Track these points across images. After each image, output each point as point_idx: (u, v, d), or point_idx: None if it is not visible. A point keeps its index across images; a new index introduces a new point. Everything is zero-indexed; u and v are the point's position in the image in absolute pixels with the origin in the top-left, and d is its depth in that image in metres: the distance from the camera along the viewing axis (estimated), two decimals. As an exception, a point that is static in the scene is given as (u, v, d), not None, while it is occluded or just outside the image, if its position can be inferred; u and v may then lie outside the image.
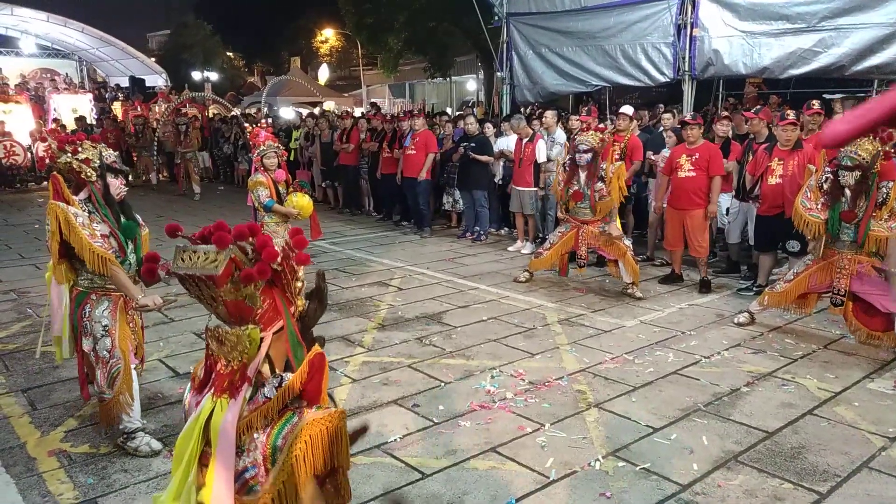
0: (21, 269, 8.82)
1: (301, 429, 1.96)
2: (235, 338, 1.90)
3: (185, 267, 1.86)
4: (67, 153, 4.04)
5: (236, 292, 1.88)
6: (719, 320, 6.71)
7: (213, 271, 1.83)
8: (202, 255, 1.85)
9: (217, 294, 1.88)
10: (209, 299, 1.90)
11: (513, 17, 14.13)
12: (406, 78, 34.15)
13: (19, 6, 27.25)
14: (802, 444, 4.21)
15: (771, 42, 10.46)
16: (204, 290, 1.88)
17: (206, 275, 1.84)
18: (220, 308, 1.91)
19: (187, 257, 1.87)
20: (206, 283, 1.86)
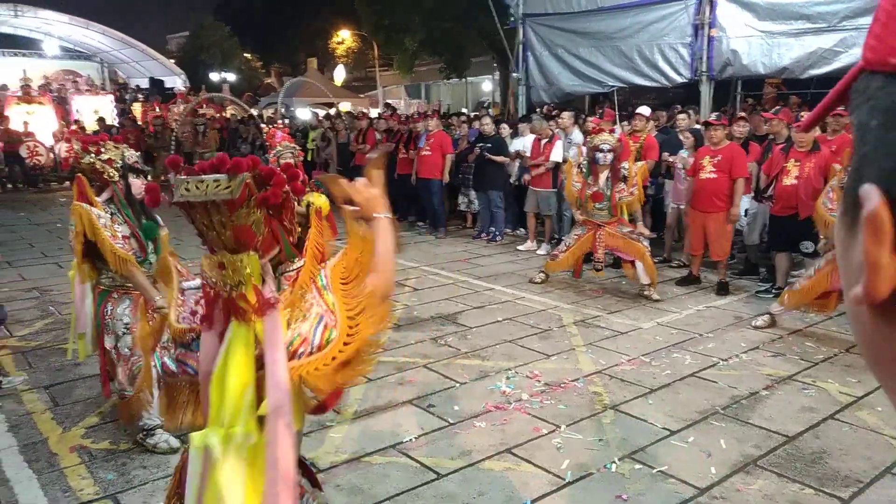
0: (44, 267, 8.91)
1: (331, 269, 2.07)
2: (239, 261, 1.96)
3: (197, 195, 1.91)
4: (91, 154, 4.10)
5: (247, 217, 1.95)
6: (737, 322, 6.67)
7: (228, 196, 1.90)
8: (213, 183, 1.90)
9: (228, 220, 1.93)
10: (218, 225, 1.94)
11: (529, 18, 14.09)
12: (422, 79, 34.20)
13: (43, 9, 27.57)
14: (823, 449, 4.17)
15: (791, 42, 10.36)
16: (214, 217, 1.93)
17: (222, 200, 1.90)
18: (226, 234, 1.95)
19: (194, 186, 1.92)
20: (219, 209, 1.91)
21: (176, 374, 2.14)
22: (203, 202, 1.91)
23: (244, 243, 1.97)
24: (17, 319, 6.64)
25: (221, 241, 1.97)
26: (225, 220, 1.93)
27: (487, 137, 10.71)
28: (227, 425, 1.95)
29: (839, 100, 0.60)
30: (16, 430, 4.41)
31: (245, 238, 1.97)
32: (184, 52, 44.09)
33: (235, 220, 1.94)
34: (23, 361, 5.64)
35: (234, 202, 1.90)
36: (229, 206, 1.91)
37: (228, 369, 1.96)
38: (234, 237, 1.96)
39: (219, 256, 1.98)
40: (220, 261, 1.97)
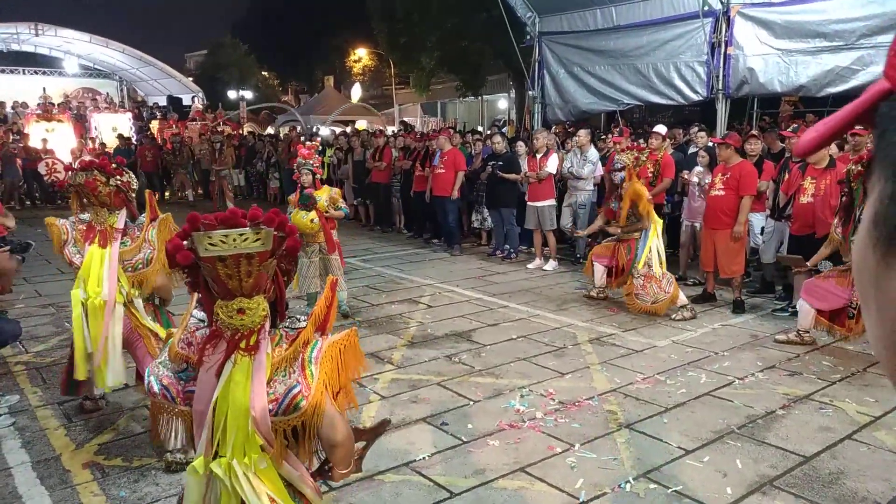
0: (60, 283, 8.97)
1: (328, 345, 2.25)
2: (255, 305, 2.13)
3: (227, 248, 2.04)
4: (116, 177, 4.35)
5: (270, 266, 2.13)
6: (753, 341, 6.61)
7: (260, 248, 2.06)
8: (239, 237, 2.04)
9: (255, 269, 2.09)
10: (243, 275, 2.08)
11: (545, 37, 14.14)
12: (438, 97, 34.32)
13: (63, 27, 27.99)
14: (841, 470, 4.11)
15: (808, 60, 10.32)
16: (243, 268, 2.07)
17: (255, 251, 2.06)
18: (247, 282, 2.10)
19: (219, 240, 2.03)
20: (250, 260, 2.07)
21: (157, 395, 2.27)
22: (236, 256, 2.05)
23: (260, 289, 2.14)
24: (32, 335, 6.69)
25: (241, 289, 2.11)
26: (252, 270, 2.09)
27: (499, 155, 10.73)
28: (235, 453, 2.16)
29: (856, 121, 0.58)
30: (29, 447, 4.42)
31: (261, 284, 2.14)
32: (202, 70, 44.58)
33: (263, 269, 2.11)
34: (37, 377, 5.67)
35: (266, 253, 2.08)
36: (260, 257, 2.08)
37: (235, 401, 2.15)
38: (254, 285, 2.12)
39: (237, 303, 2.13)
40: (240, 306, 2.13)
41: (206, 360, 2.20)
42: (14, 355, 6.14)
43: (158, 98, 30.56)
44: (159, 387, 2.26)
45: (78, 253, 4.37)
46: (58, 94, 26.69)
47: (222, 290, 2.12)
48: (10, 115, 22.67)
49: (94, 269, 4.30)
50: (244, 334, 2.15)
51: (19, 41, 28.07)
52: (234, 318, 2.13)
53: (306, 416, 2.16)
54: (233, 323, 2.14)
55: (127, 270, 4.37)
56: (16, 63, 28.75)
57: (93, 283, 4.28)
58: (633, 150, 7.53)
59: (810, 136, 0.65)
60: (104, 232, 4.34)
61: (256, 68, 45.33)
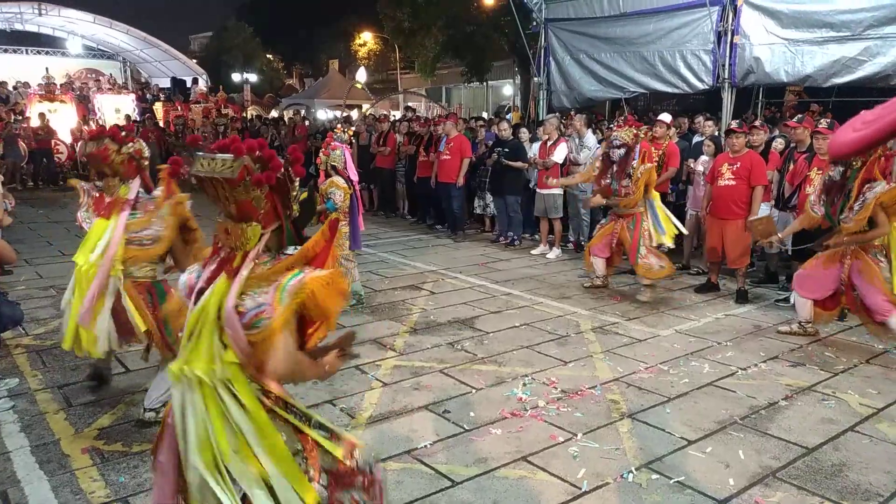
0: (62, 265, 8.94)
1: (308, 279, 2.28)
2: (240, 230, 2.29)
3: (205, 170, 2.25)
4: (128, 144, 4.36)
5: (246, 194, 2.25)
6: (756, 331, 6.59)
7: (229, 175, 2.21)
8: (220, 162, 2.23)
9: (230, 194, 2.25)
10: (223, 199, 2.28)
11: (551, 23, 14.06)
12: (443, 82, 34.23)
13: (67, 7, 27.83)
14: (843, 462, 4.09)
15: (814, 50, 10.26)
16: (220, 191, 2.25)
17: (223, 177, 2.22)
18: (230, 206, 2.28)
19: (206, 163, 2.25)
20: (223, 185, 2.24)
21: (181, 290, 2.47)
22: (210, 177, 2.24)
23: (247, 215, 2.28)
24: (33, 318, 6.66)
25: (228, 211, 2.30)
26: (228, 195, 2.26)
27: (505, 142, 10.67)
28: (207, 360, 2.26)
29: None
30: (28, 431, 4.41)
31: (247, 211, 2.28)
32: (206, 52, 44.42)
33: (237, 195, 2.25)
34: (37, 360, 5.65)
35: (233, 181, 2.22)
36: (230, 184, 2.23)
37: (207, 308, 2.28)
38: (237, 210, 2.28)
39: (224, 223, 2.32)
40: (225, 227, 2.32)
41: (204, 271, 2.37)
42: (14, 338, 6.12)
43: (162, 80, 30.40)
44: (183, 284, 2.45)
45: (88, 219, 4.38)
46: (60, 74, 26.52)
47: (219, 208, 2.34)
48: (12, 95, 22.59)
49: (92, 239, 4.28)
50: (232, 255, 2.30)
51: (22, 21, 27.91)
52: (221, 235, 2.34)
53: (262, 337, 2.23)
54: (221, 240, 2.33)
55: (132, 244, 4.26)
56: (19, 43, 28.61)
57: (87, 251, 4.26)
58: (632, 127, 7.49)
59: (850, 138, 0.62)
60: (112, 203, 4.29)
61: (261, 51, 45.16)
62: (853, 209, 5.74)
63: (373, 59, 42.59)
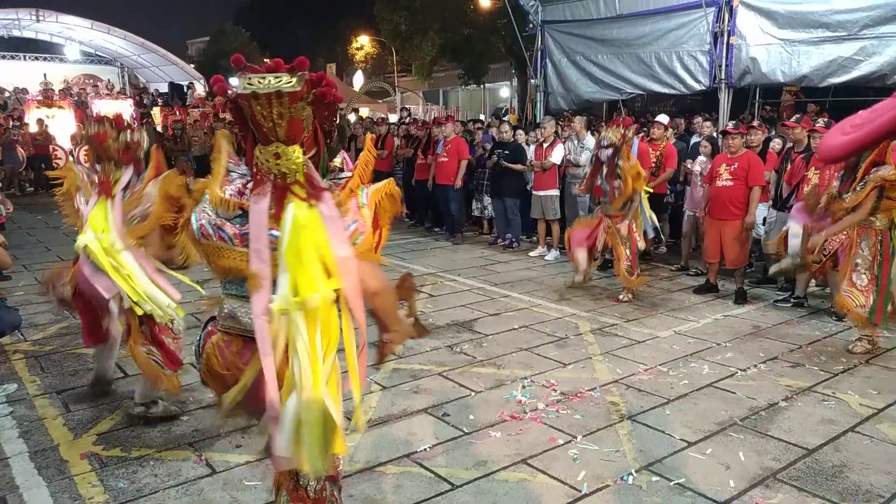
0: (59, 271, 8.94)
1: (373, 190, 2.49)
2: (291, 151, 2.29)
3: (263, 87, 2.21)
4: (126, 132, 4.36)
5: (302, 111, 2.28)
6: (756, 332, 6.58)
7: (293, 88, 2.21)
8: (276, 79, 2.22)
9: (287, 111, 2.24)
10: (276, 117, 2.24)
11: (548, 25, 14.08)
12: (440, 85, 34.23)
13: (65, 14, 27.85)
14: (844, 463, 4.09)
15: (810, 50, 10.29)
16: (275, 109, 2.23)
17: (288, 91, 2.21)
18: (282, 126, 2.26)
19: (257, 81, 2.22)
20: (282, 101, 2.22)
21: (211, 236, 2.43)
22: (267, 94, 2.21)
23: (294, 136, 2.29)
24: (31, 323, 6.65)
25: (276, 133, 2.27)
26: (284, 112, 2.24)
27: (505, 144, 10.67)
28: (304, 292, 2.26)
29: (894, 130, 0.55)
30: (27, 436, 4.39)
31: (296, 131, 2.29)
32: (204, 57, 44.40)
33: (294, 112, 2.25)
34: (36, 366, 5.64)
35: (296, 94, 2.23)
36: (291, 98, 2.22)
37: (302, 245, 2.26)
38: (287, 129, 2.27)
39: (273, 147, 2.29)
40: (276, 151, 2.29)
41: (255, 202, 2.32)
42: (12, 343, 6.10)
43: (160, 85, 30.42)
44: (213, 229, 2.42)
45: (85, 203, 4.39)
46: (58, 80, 26.51)
47: (261, 135, 2.30)
48: (10, 102, 22.58)
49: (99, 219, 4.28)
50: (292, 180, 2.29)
51: (20, 27, 27.94)
52: (270, 161, 2.30)
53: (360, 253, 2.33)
54: (269, 167, 2.30)
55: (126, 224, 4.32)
56: (16, 49, 28.64)
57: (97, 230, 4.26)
58: (620, 127, 7.49)
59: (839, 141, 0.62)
60: (107, 184, 4.33)
61: (258, 55, 45.11)
62: (856, 189, 5.77)
63: (370, 63, 42.56)
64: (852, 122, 0.57)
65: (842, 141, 0.57)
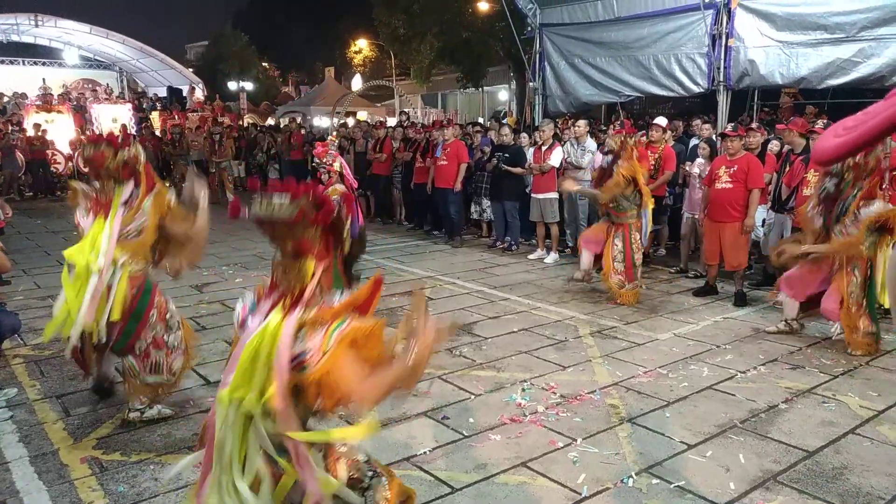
0: (59, 275, 8.92)
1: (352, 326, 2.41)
2: (297, 267, 2.40)
3: (263, 213, 2.36)
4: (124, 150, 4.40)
5: (303, 232, 2.38)
6: (755, 334, 6.58)
7: (287, 216, 2.34)
8: (277, 205, 2.34)
9: (288, 233, 2.38)
10: (280, 238, 2.40)
11: (546, 28, 14.10)
12: (438, 88, 34.26)
13: (63, 18, 27.89)
14: (844, 465, 4.08)
15: (808, 52, 10.30)
16: (277, 231, 2.38)
17: (282, 219, 2.35)
18: (288, 244, 2.40)
19: (264, 205, 2.36)
20: (282, 226, 2.36)
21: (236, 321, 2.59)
22: (269, 219, 2.36)
23: (302, 252, 2.41)
24: (31, 328, 6.65)
25: (285, 250, 2.42)
26: (286, 234, 2.39)
27: (506, 147, 10.67)
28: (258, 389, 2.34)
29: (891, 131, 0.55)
30: (27, 441, 4.39)
31: (304, 248, 2.41)
32: (202, 61, 44.45)
33: (294, 234, 2.38)
34: (35, 370, 5.63)
35: (291, 222, 2.36)
36: (288, 224, 2.36)
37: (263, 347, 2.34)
38: (294, 248, 2.40)
39: (282, 262, 2.43)
40: (283, 266, 2.43)
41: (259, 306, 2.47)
42: (12, 348, 6.10)
43: (158, 89, 30.46)
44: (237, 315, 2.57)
45: (84, 217, 4.45)
46: (57, 85, 26.57)
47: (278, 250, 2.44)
48: (9, 107, 22.61)
49: (90, 238, 4.38)
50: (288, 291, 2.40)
51: (19, 32, 27.98)
52: (278, 275, 2.44)
53: (306, 381, 2.31)
54: (279, 278, 2.44)
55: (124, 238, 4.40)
56: (15, 54, 28.67)
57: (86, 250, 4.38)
58: (620, 134, 7.52)
59: (832, 143, 0.62)
60: (107, 204, 4.37)
61: (257, 59, 45.19)
62: (846, 225, 5.84)
63: (368, 66, 42.64)
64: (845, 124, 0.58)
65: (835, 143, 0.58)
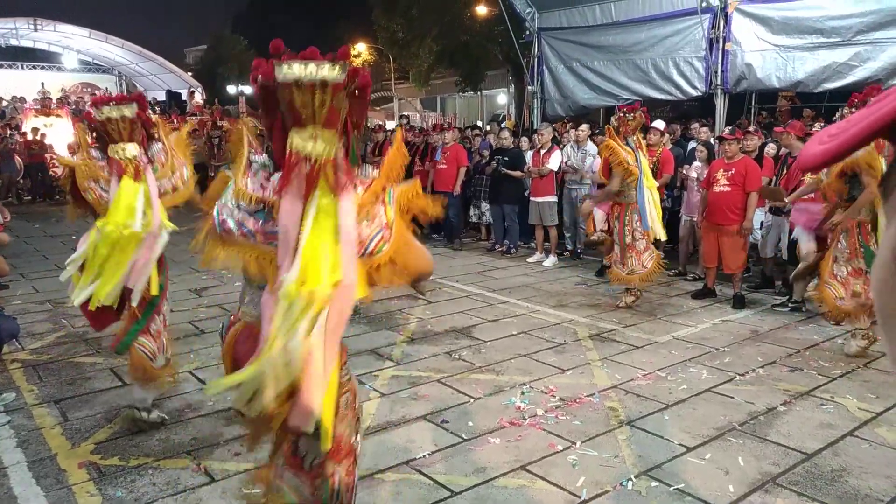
0: (57, 279, 8.88)
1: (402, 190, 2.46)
2: (329, 135, 2.26)
3: (306, 75, 2.19)
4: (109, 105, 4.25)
5: (341, 101, 2.26)
6: (753, 336, 6.59)
7: (338, 78, 2.21)
8: (318, 67, 2.19)
9: (327, 100, 2.22)
10: (318, 105, 2.22)
11: (544, 32, 14.13)
12: (437, 92, 34.30)
13: (62, 23, 27.91)
14: (843, 467, 4.08)
15: (805, 56, 10.33)
16: (317, 97, 2.21)
17: (332, 80, 2.20)
18: (322, 112, 2.24)
19: (299, 68, 2.19)
20: (325, 90, 2.21)
21: (233, 232, 2.36)
22: (311, 82, 2.19)
23: (332, 123, 2.27)
24: (29, 332, 6.65)
25: (314, 119, 2.25)
26: (326, 100, 2.22)
27: (505, 151, 10.68)
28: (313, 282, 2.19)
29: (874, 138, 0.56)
30: (25, 446, 4.38)
31: (334, 119, 2.27)
32: (201, 64, 44.48)
33: (335, 101, 2.24)
34: (34, 375, 5.63)
35: (340, 84, 2.22)
36: (335, 88, 2.22)
37: (321, 235, 2.24)
38: (327, 116, 2.25)
39: (311, 129, 2.25)
40: (314, 133, 2.26)
41: (287, 193, 2.26)
42: (10, 352, 6.10)
43: (157, 93, 30.48)
44: (235, 224, 2.35)
45: (103, 190, 4.29)
46: (56, 88, 26.59)
47: (296, 121, 2.26)
48: (7, 111, 22.61)
49: (123, 201, 4.16)
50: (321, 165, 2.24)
51: (18, 36, 28.01)
52: (308, 144, 2.25)
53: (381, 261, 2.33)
54: (307, 150, 2.25)
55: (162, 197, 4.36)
56: (14, 58, 28.70)
57: (121, 214, 4.14)
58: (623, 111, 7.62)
59: (818, 150, 0.62)
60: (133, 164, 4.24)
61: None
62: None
63: (367, 70, 42.71)
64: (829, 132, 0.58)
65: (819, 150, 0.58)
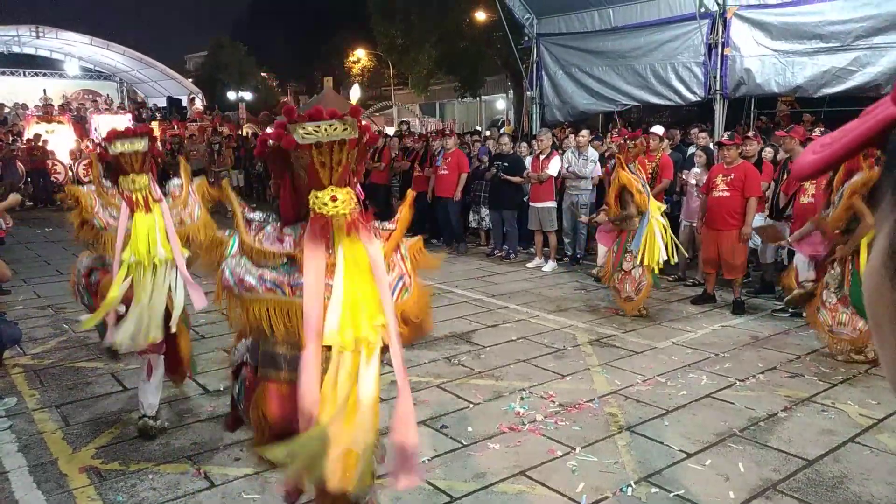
0: (59, 285, 8.91)
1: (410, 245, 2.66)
2: (346, 194, 2.35)
3: (324, 135, 2.27)
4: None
5: (354, 157, 2.36)
6: (753, 342, 6.59)
7: (353, 136, 2.30)
8: (329, 126, 2.27)
9: (344, 157, 2.31)
10: (335, 164, 2.30)
11: (543, 38, 14.16)
12: (436, 97, 34.34)
13: (64, 30, 28.00)
14: (844, 473, 4.08)
15: (804, 61, 10.35)
16: (335, 155, 2.29)
17: (346, 138, 2.29)
18: (337, 171, 2.32)
19: (313, 130, 2.26)
20: (341, 148, 2.29)
21: (255, 288, 2.40)
22: (330, 142, 2.28)
23: (347, 180, 2.36)
24: (30, 337, 6.65)
25: (332, 178, 2.33)
26: (343, 158, 2.31)
27: (504, 156, 10.70)
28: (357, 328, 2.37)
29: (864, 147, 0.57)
30: (26, 451, 4.39)
31: (348, 175, 2.36)
32: (201, 71, 44.53)
33: (349, 158, 2.33)
34: (35, 380, 5.63)
35: (354, 141, 2.31)
36: (349, 145, 2.31)
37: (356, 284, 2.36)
38: (342, 174, 2.34)
39: (329, 191, 2.33)
40: (334, 194, 2.33)
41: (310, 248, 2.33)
42: (12, 357, 6.10)
43: (158, 99, 30.56)
44: (257, 280, 2.39)
45: (112, 217, 4.27)
46: (58, 95, 26.66)
47: (314, 181, 2.32)
48: (10, 117, 22.66)
49: (141, 233, 4.21)
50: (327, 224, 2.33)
51: (20, 43, 28.07)
52: (328, 205, 2.32)
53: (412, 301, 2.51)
54: (327, 210, 2.32)
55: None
56: (16, 65, 28.76)
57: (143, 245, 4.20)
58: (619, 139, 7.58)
59: (810, 159, 0.63)
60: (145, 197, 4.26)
61: (256, 69, 45.27)
62: (834, 203, 5.75)
63: (366, 76, 42.72)
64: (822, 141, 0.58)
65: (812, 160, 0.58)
